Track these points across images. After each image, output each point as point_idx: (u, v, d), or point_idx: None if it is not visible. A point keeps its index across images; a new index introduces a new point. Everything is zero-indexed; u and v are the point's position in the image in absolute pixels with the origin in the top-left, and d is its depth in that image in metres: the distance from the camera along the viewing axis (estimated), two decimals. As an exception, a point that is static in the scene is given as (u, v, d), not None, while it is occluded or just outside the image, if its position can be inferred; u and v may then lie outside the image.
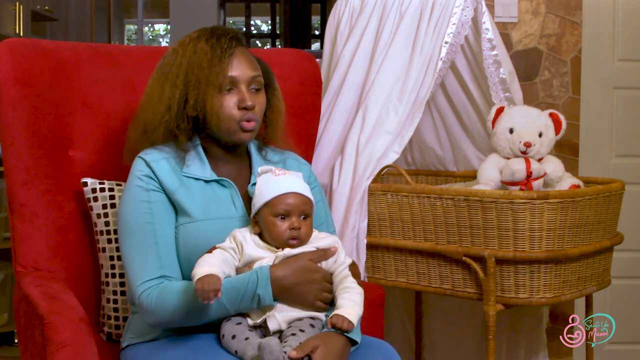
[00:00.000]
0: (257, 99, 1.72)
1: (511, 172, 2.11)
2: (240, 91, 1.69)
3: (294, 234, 1.62)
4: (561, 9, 2.96)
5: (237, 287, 1.57)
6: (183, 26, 7.13)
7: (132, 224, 1.67)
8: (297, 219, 1.62)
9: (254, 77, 1.72)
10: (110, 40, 6.25)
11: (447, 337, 2.79)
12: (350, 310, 1.58)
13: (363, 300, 1.62)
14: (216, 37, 1.70)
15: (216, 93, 1.68)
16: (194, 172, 1.72)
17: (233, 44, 1.70)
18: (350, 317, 1.56)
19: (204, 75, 1.66)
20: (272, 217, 1.63)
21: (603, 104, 3.05)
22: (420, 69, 2.35)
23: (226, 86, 1.68)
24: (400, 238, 2.22)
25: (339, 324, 1.55)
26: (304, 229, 1.63)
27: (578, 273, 2.10)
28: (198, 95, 1.67)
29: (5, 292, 3.49)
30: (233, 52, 1.69)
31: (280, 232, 1.62)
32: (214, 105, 1.68)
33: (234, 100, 1.69)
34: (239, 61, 1.70)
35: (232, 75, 1.68)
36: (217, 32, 1.72)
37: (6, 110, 1.90)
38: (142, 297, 1.62)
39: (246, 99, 1.69)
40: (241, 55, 1.72)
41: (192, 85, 1.67)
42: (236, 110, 1.69)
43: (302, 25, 7.98)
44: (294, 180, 1.66)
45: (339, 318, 1.56)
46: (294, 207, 1.62)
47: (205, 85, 1.67)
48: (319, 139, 2.45)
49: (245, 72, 1.70)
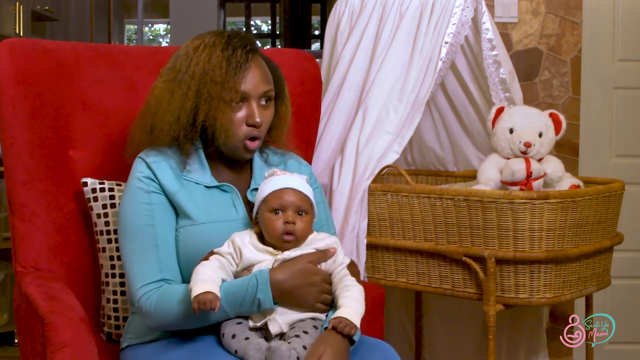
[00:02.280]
0: (265, 113, 1.70)
1: (511, 172, 2.11)
2: (250, 106, 1.68)
3: (288, 228, 1.60)
4: (561, 9, 2.96)
5: (236, 292, 1.56)
6: (183, 26, 7.14)
7: (132, 225, 1.66)
8: (292, 214, 1.61)
9: (266, 92, 1.70)
10: (110, 40, 6.24)
11: (447, 337, 2.79)
12: (351, 310, 1.57)
13: (364, 297, 1.62)
14: (232, 48, 1.66)
15: (227, 107, 1.66)
16: (195, 177, 1.71)
17: (249, 58, 1.67)
18: (352, 319, 1.55)
19: (216, 90, 1.64)
20: (268, 213, 1.62)
21: (603, 104, 3.05)
22: (420, 69, 2.35)
23: (237, 100, 1.66)
24: (400, 238, 2.22)
25: (341, 328, 1.54)
26: (299, 225, 1.61)
27: (578, 273, 2.10)
28: (209, 111, 1.65)
29: (5, 292, 3.49)
30: (248, 67, 1.67)
31: (275, 226, 1.61)
32: (224, 121, 1.66)
33: (242, 114, 1.67)
34: (253, 75, 1.67)
35: (244, 90, 1.66)
36: (234, 42, 1.67)
37: (6, 110, 1.90)
38: (142, 300, 1.62)
39: (255, 115, 1.67)
40: (256, 69, 1.68)
41: (203, 100, 1.65)
42: (243, 127, 1.67)
43: (302, 25, 7.98)
44: (294, 178, 1.66)
45: (341, 321, 1.54)
46: (289, 202, 1.61)
47: (217, 102, 1.64)
48: (319, 139, 2.45)
49: (257, 87, 1.68)
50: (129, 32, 10.40)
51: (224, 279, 1.58)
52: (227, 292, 1.56)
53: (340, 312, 1.57)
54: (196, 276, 1.55)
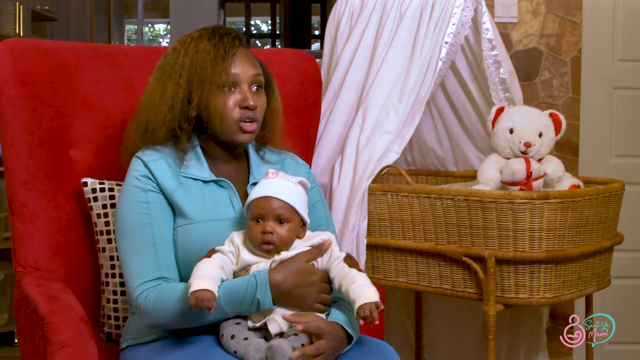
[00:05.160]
0: (258, 99, 1.72)
1: (511, 172, 2.11)
2: (242, 90, 1.69)
3: (265, 238, 1.59)
4: (561, 9, 2.96)
5: (235, 292, 1.56)
6: (183, 26, 7.10)
7: (129, 224, 1.66)
8: (271, 223, 1.60)
9: (256, 75, 1.72)
10: (110, 40, 6.24)
11: (447, 337, 2.79)
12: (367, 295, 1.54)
13: (370, 282, 1.60)
14: (218, 37, 1.70)
15: (219, 92, 1.68)
16: (193, 172, 1.71)
17: (236, 44, 1.71)
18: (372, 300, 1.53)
19: (207, 74, 1.66)
20: (250, 220, 1.62)
21: (603, 104, 3.05)
22: (420, 69, 2.35)
23: (229, 84, 1.68)
24: (400, 238, 2.22)
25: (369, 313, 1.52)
26: (278, 234, 1.60)
27: (578, 273, 2.10)
28: (202, 95, 1.67)
29: (5, 292, 3.49)
30: (235, 52, 1.70)
31: (255, 235, 1.61)
32: (217, 104, 1.67)
33: (236, 99, 1.69)
34: (241, 60, 1.70)
35: (234, 72, 1.68)
36: (219, 31, 1.72)
37: (6, 110, 1.90)
38: (140, 298, 1.62)
39: (248, 98, 1.69)
40: (243, 55, 1.72)
41: (195, 85, 1.67)
42: (238, 110, 1.69)
43: (302, 25, 7.98)
44: (279, 184, 1.63)
45: (363, 309, 1.52)
46: (267, 211, 1.60)
47: (209, 85, 1.67)
48: (319, 139, 2.45)
49: (247, 70, 1.70)
50: (129, 32, 10.41)
51: (224, 278, 1.58)
52: (226, 292, 1.56)
53: (358, 302, 1.54)
54: (197, 272, 1.55)
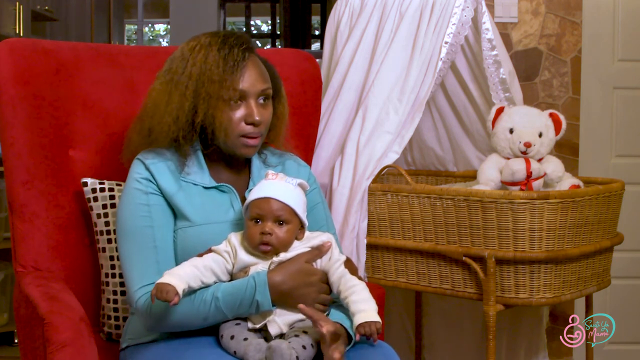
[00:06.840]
0: (264, 112, 1.69)
1: (511, 172, 2.11)
2: (248, 105, 1.67)
3: (264, 239, 1.59)
4: (561, 9, 2.96)
5: (234, 294, 1.57)
6: (183, 26, 7.14)
7: (130, 227, 1.66)
8: (270, 224, 1.59)
9: (264, 90, 1.69)
10: (110, 40, 6.24)
11: (447, 337, 2.79)
12: (367, 312, 1.56)
13: (369, 292, 1.61)
14: (229, 47, 1.66)
15: (225, 106, 1.65)
16: (193, 178, 1.71)
17: (246, 56, 1.67)
18: (373, 318, 1.55)
19: (214, 89, 1.63)
20: (249, 221, 1.62)
21: (603, 104, 3.05)
22: (420, 69, 2.35)
23: (235, 99, 1.66)
24: (400, 238, 2.22)
25: (369, 332, 1.53)
26: (277, 235, 1.60)
27: (578, 273, 2.10)
28: (207, 110, 1.65)
29: (5, 292, 3.49)
30: (245, 64, 1.67)
31: (253, 235, 1.60)
32: (222, 120, 1.65)
33: (241, 113, 1.67)
34: (250, 74, 1.67)
35: (242, 88, 1.65)
36: (230, 41, 1.67)
37: (6, 110, 1.90)
38: (140, 301, 1.62)
39: (254, 113, 1.66)
40: (252, 67, 1.68)
41: (202, 99, 1.64)
42: (242, 125, 1.67)
43: (302, 25, 7.98)
44: (278, 185, 1.63)
45: (364, 327, 1.54)
46: (267, 212, 1.60)
47: (215, 100, 1.64)
48: (319, 139, 2.45)
49: (255, 85, 1.67)
50: (129, 32, 10.40)
51: (204, 280, 1.57)
52: (225, 293, 1.56)
53: (359, 318, 1.55)
54: (173, 269, 1.56)
